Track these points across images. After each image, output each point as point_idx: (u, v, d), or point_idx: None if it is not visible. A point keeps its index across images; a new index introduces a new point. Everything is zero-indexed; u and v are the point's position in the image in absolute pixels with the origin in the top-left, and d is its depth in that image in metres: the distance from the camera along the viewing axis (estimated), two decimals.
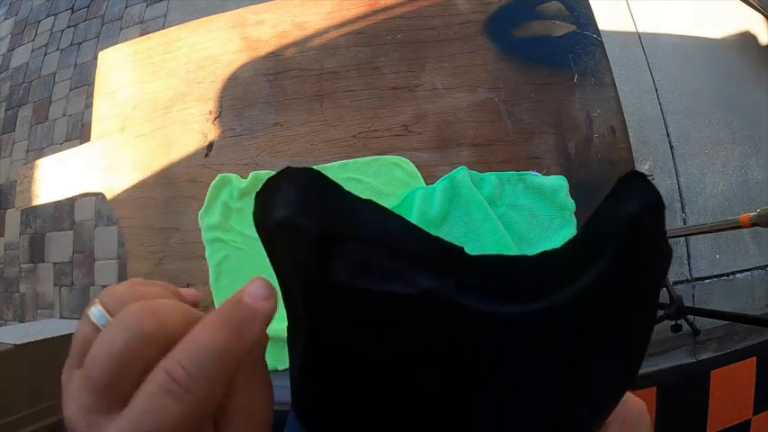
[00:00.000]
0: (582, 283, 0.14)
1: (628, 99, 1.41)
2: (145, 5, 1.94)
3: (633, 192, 0.15)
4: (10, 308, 1.76)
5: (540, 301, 0.14)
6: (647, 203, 0.15)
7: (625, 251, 0.14)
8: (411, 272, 0.15)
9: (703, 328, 1.20)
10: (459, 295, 0.14)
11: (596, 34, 0.60)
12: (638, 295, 0.16)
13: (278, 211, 0.16)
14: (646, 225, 0.14)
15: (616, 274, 0.15)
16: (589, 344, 0.16)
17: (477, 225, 0.54)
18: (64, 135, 1.84)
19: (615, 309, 0.16)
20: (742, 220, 0.67)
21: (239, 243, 0.57)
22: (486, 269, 0.15)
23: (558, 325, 0.15)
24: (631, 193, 0.15)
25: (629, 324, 0.17)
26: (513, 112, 0.59)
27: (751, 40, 1.52)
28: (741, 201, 1.36)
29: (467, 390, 0.17)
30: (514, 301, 0.14)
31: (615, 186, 0.15)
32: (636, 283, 0.16)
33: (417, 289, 0.15)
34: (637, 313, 0.17)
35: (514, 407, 0.17)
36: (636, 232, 0.14)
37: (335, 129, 0.61)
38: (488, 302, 0.14)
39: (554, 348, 0.16)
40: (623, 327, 0.17)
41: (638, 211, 0.14)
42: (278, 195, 0.16)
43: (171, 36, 0.68)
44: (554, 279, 0.15)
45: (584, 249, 0.15)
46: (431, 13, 0.63)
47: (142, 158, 0.64)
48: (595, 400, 0.18)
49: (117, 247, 1.61)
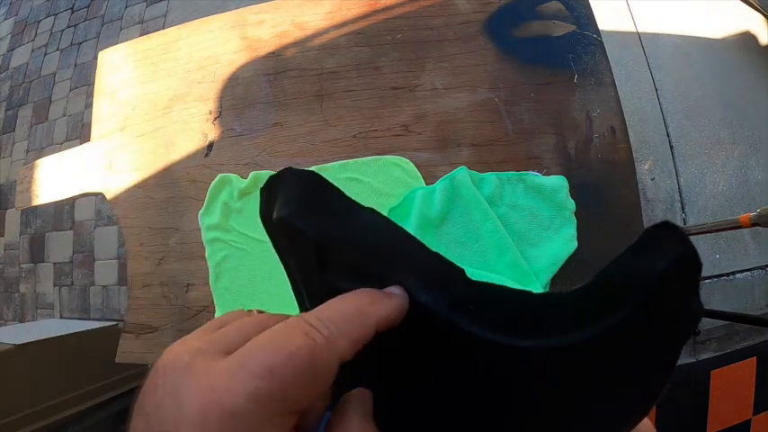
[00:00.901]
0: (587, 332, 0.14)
1: (628, 99, 1.40)
2: (145, 5, 1.94)
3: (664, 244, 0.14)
4: (10, 308, 1.76)
5: (543, 339, 0.14)
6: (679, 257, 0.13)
7: (649, 305, 0.14)
8: (407, 284, 0.15)
9: (703, 328, 1.20)
10: (454, 315, 0.14)
11: (596, 34, 0.60)
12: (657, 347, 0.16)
13: (279, 211, 0.16)
14: (674, 279, 0.13)
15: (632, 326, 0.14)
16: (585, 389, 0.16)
17: (477, 225, 0.54)
18: (64, 135, 1.84)
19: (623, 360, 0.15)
20: (742, 220, 0.67)
21: (239, 243, 0.57)
22: (487, 297, 0.15)
23: (555, 363, 0.15)
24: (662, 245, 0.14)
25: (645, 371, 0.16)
26: (513, 112, 0.59)
27: (751, 40, 1.52)
28: (741, 201, 1.36)
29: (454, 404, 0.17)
30: (511, 334, 0.14)
31: (642, 238, 0.14)
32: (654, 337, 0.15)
33: (416, 302, 0.15)
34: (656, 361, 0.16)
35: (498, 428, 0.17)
36: (663, 286, 0.13)
37: (335, 129, 0.61)
38: (483, 329, 0.14)
39: (544, 385, 0.15)
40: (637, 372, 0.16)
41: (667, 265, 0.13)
42: (279, 194, 0.16)
43: (171, 36, 0.68)
44: (558, 320, 0.14)
45: (598, 298, 0.14)
46: (431, 13, 0.63)
47: (142, 158, 0.64)
48: None
49: (117, 247, 1.61)
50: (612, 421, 0.18)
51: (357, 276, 0.16)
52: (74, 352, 1.15)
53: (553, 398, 0.16)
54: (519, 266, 0.52)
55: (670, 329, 0.15)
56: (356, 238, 0.15)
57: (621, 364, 0.15)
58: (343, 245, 0.15)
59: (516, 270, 0.52)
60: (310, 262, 0.16)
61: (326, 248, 0.16)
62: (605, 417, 0.17)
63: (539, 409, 0.16)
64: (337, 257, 0.16)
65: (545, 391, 0.16)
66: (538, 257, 0.53)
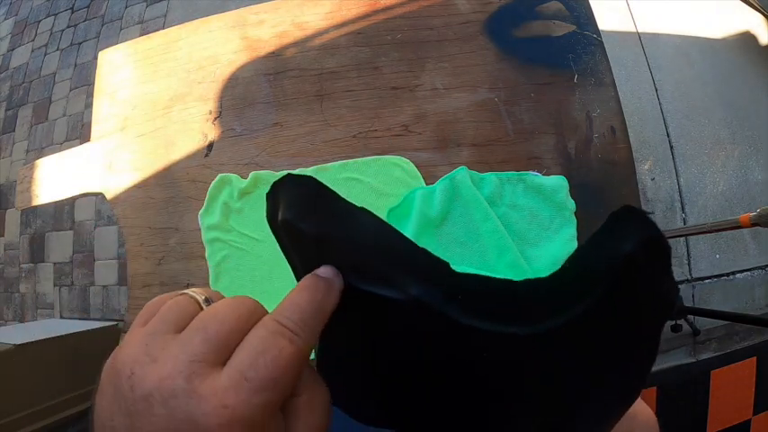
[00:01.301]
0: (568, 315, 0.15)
1: (628, 99, 1.41)
2: (145, 5, 1.94)
3: (629, 228, 0.15)
4: (10, 308, 1.76)
5: (526, 326, 0.15)
6: (645, 240, 0.14)
7: (618, 288, 0.15)
8: (402, 279, 0.16)
9: (703, 328, 1.20)
10: (447, 307, 0.15)
11: (596, 34, 0.60)
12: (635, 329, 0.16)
13: (282, 213, 0.17)
14: (642, 262, 0.14)
15: (607, 310, 0.15)
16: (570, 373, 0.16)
17: (477, 225, 0.54)
18: (64, 135, 1.84)
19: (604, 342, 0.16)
20: (742, 220, 0.67)
21: (239, 243, 0.57)
22: (472, 287, 0.16)
23: (538, 348, 0.16)
24: (627, 229, 0.15)
25: (626, 352, 0.17)
26: (513, 112, 0.59)
27: (751, 40, 1.52)
28: (741, 201, 1.36)
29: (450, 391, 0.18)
30: (497, 321, 0.15)
31: (608, 222, 0.15)
32: (630, 319, 0.16)
33: (408, 296, 0.16)
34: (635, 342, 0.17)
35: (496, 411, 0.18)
36: (630, 269, 0.14)
37: (335, 129, 0.61)
38: (476, 319, 0.15)
39: (533, 368, 0.16)
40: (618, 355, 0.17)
41: (633, 249, 0.14)
42: (281, 199, 0.18)
43: (171, 36, 0.68)
44: (540, 306, 0.15)
45: (573, 282, 0.15)
46: (431, 13, 0.63)
47: (142, 158, 0.64)
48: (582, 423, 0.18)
49: (117, 247, 1.61)
50: (601, 406, 0.18)
51: (356, 273, 0.17)
52: (74, 352, 1.15)
53: (541, 383, 0.17)
54: (519, 266, 0.52)
55: (645, 310, 0.16)
56: (353, 238, 0.16)
57: (602, 346, 0.16)
58: (341, 244, 0.16)
59: (516, 270, 0.52)
60: (313, 261, 0.17)
61: (327, 248, 0.17)
62: (592, 400, 0.18)
63: (527, 393, 0.17)
64: (337, 256, 0.17)
65: (533, 376, 0.17)
66: (538, 257, 0.53)
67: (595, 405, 0.18)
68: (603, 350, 0.16)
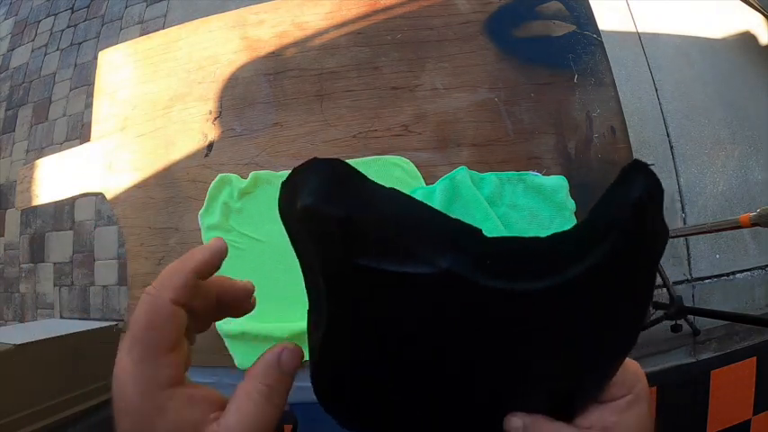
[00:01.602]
0: (589, 262, 0.16)
1: (628, 99, 1.40)
2: (145, 5, 1.94)
3: (635, 179, 0.16)
4: (10, 308, 1.76)
5: (552, 278, 0.16)
6: (647, 189, 0.16)
7: (630, 232, 0.16)
8: (432, 252, 0.16)
9: (703, 328, 1.20)
10: (477, 274, 0.16)
11: (596, 34, 0.60)
12: (642, 269, 0.18)
13: (303, 200, 0.17)
14: (647, 208, 0.16)
15: (622, 253, 0.16)
16: (595, 317, 0.18)
17: (477, 225, 0.54)
18: (64, 135, 1.84)
19: (620, 284, 0.17)
20: (742, 220, 0.67)
21: (239, 243, 0.57)
22: (501, 250, 0.17)
23: (566, 300, 0.17)
24: (634, 180, 0.16)
25: (632, 296, 0.18)
26: (513, 112, 0.59)
27: (751, 40, 1.52)
28: (741, 201, 1.36)
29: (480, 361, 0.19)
30: (527, 280, 0.16)
31: (619, 176, 0.17)
32: (639, 260, 0.17)
33: (438, 269, 0.16)
34: (639, 286, 0.18)
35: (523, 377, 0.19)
36: (638, 215, 0.16)
37: (335, 129, 0.61)
38: (503, 281, 0.16)
39: (564, 321, 0.17)
40: (626, 299, 0.18)
41: (639, 196, 0.16)
42: (304, 183, 0.17)
43: (171, 36, 0.68)
44: (564, 259, 0.16)
45: (591, 232, 0.17)
46: (431, 13, 0.63)
47: (142, 158, 0.64)
48: (600, 368, 0.20)
49: (117, 247, 1.61)
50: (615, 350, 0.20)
51: (381, 253, 0.16)
52: (74, 352, 1.15)
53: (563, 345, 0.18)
54: None
55: (648, 252, 0.18)
56: (381, 214, 0.17)
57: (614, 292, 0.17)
58: (368, 223, 0.16)
59: None
60: (335, 246, 0.17)
61: (351, 231, 0.16)
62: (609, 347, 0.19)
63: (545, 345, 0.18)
64: (363, 239, 0.16)
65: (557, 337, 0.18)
66: None
67: (602, 367, 0.20)
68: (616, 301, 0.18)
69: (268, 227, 0.57)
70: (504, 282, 0.16)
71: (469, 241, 0.17)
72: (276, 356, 0.19)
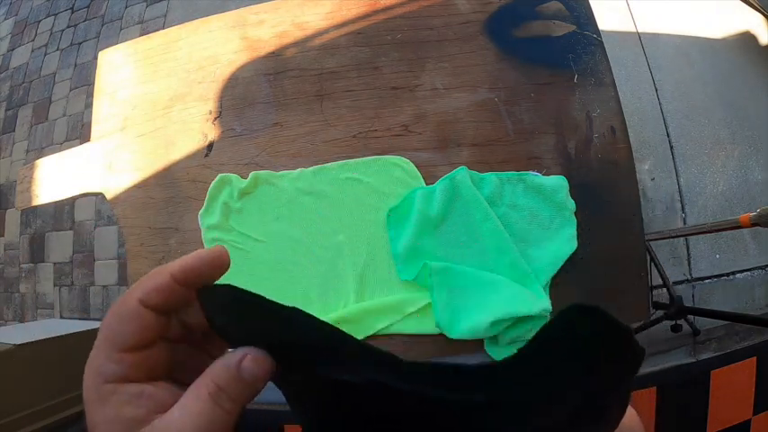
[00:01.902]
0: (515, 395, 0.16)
1: (628, 99, 1.40)
2: (145, 5, 1.94)
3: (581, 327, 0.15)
4: (10, 308, 1.76)
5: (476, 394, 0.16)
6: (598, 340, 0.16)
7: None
8: (353, 367, 0.17)
9: (703, 328, 1.20)
10: (401, 383, 0.16)
11: (596, 34, 0.60)
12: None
13: (217, 320, 0.19)
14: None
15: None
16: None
17: (477, 225, 0.54)
18: (64, 135, 1.84)
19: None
20: (742, 220, 0.67)
21: (239, 243, 0.57)
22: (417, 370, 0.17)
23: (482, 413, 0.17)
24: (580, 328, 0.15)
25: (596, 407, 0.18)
26: (513, 112, 0.59)
27: (751, 40, 1.52)
28: (741, 201, 1.36)
29: None
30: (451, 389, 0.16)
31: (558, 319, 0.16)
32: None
33: (364, 378, 0.17)
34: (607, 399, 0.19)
35: None
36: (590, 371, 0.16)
37: (335, 129, 0.61)
38: (425, 387, 0.16)
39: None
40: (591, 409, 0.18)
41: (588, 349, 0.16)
42: (212, 306, 0.19)
43: (171, 36, 0.68)
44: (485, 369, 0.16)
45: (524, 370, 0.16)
46: (431, 13, 0.63)
47: (142, 158, 0.64)
48: None
49: (117, 247, 1.61)
50: None
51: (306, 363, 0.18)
52: (74, 352, 1.15)
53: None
54: (519, 267, 0.52)
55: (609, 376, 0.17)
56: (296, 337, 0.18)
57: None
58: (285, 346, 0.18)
59: (516, 270, 0.52)
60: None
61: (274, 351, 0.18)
62: None
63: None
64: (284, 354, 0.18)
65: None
66: (538, 257, 0.53)
67: None
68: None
69: (268, 227, 0.57)
70: (425, 388, 0.16)
71: (386, 363, 0.17)
72: (238, 359, 0.18)
